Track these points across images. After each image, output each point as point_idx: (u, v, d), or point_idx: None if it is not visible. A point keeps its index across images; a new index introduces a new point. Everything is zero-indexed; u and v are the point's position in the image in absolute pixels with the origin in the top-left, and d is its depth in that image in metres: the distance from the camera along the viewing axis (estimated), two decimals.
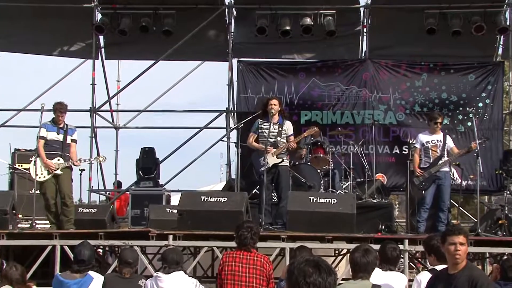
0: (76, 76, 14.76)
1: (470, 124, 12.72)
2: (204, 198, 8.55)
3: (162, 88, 15.17)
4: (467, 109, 12.99)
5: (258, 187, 9.77)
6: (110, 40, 13.75)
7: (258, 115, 9.48)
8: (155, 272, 6.24)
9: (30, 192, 10.28)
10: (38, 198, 9.22)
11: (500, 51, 13.65)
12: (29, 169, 9.55)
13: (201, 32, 12.94)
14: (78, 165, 9.32)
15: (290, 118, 9.88)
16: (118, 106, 14.92)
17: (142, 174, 11.96)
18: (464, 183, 10.72)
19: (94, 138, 13.11)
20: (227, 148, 13.09)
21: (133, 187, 12.09)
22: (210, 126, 13.44)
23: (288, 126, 9.25)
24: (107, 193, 14.12)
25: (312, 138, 10.78)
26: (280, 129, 9.13)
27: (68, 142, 9.17)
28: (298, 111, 13.26)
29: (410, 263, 9.64)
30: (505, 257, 7.71)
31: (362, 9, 13.37)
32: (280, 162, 9.05)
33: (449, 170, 9.36)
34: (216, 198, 8.52)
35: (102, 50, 13.93)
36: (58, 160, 9.03)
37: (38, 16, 13.25)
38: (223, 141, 12.95)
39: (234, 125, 12.50)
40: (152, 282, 5.83)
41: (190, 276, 6.05)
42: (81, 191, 11.73)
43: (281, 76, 13.47)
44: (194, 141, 13.07)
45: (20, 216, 10.82)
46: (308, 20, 12.71)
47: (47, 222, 9.40)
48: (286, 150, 9.15)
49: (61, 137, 9.11)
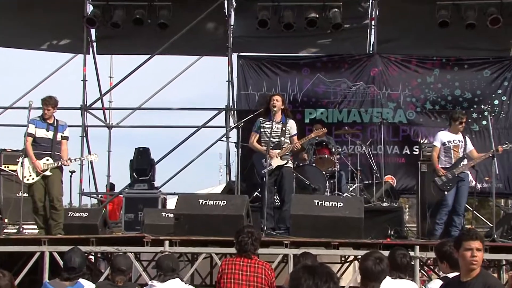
0: (66, 72, 14.82)
1: (485, 122, 12.68)
2: (202, 202, 8.56)
3: (157, 84, 15.25)
4: (482, 106, 12.97)
5: (259, 190, 9.79)
6: (102, 33, 13.75)
7: (260, 113, 9.48)
8: (150, 280, 6.25)
9: (17, 195, 10.29)
10: (26, 202, 9.21)
11: None
12: (16, 170, 9.52)
13: (199, 25, 12.94)
14: (68, 165, 9.28)
15: (294, 117, 9.88)
16: (111, 103, 14.97)
17: (136, 176, 11.96)
18: (478, 186, 10.73)
19: (85, 138, 13.13)
20: (227, 148, 13.13)
21: (126, 190, 12.10)
22: (208, 125, 13.48)
23: (291, 125, 9.26)
24: (99, 196, 14.14)
25: (317, 138, 10.78)
26: (283, 128, 9.14)
27: (58, 139, 9.05)
28: (302, 109, 13.24)
29: (421, 271, 9.63)
30: None
31: (370, 0, 13.38)
32: (283, 164, 9.06)
33: (468, 172, 9.39)
34: (215, 202, 8.53)
35: (94, 44, 13.93)
36: (47, 160, 8.93)
37: (24, 8, 13.26)
38: (223, 141, 12.97)
39: (234, 124, 12.52)
40: None
41: (187, 284, 6.06)
42: (71, 194, 11.83)
43: (284, 72, 13.46)
44: (191, 141, 13.13)
45: (6, 220, 10.84)
46: (312, 12, 12.72)
47: (35, 227, 9.38)
48: (290, 151, 9.17)
49: (51, 134, 9.01)
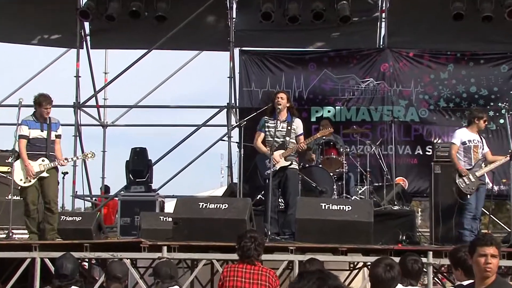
0: (58, 67, 14.89)
1: (502, 121, 12.67)
2: (202, 205, 8.56)
3: (155, 81, 15.21)
4: (499, 104, 12.87)
5: (263, 193, 9.78)
6: (97, 26, 13.74)
7: (265, 112, 9.47)
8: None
9: (7, 198, 10.28)
10: (16, 205, 9.20)
11: None
12: (10, 172, 9.43)
13: (198, 18, 12.93)
14: (65, 165, 9.26)
15: (299, 115, 9.87)
16: (106, 101, 14.95)
17: (132, 178, 11.97)
18: (495, 188, 10.69)
19: (78, 137, 13.13)
20: (228, 148, 13.14)
21: (122, 193, 12.10)
22: (209, 123, 13.47)
23: (297, 124, 9.26)
24: (93, 199, 14.14)
25: (323, 138, 10.77)
26: (288, 127, 9.13)
27: (52, 138, 9.01)
28: (308, 107, 13.26)
29: (435, 279, 9.61)
30: None
31: None
32: (288, 165, 9.06)
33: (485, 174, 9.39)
34: (215, 205, 8.53)
35: (87, 38, 13.91)
36: (43, 160, 8.87)
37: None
38: (224, 140, 12.97)
39: (236, 122, 12.52)
40: None
41: None
42: (64, 197, 11.79)
43: (288, 67, 13.47)
44: (191, 140, 13.11)
45: None
46: (319, 4, 12.71)
47: (26, 231, 9.37)
48: (295, 151, 9.16)
49: (45, 133, 8.96)
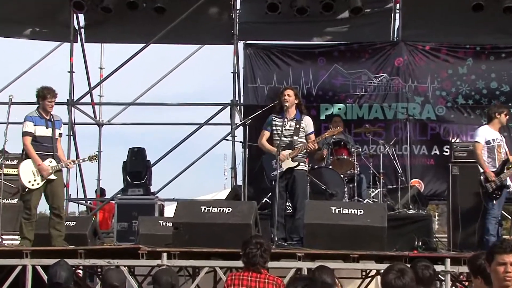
0: (50, 62, 14.84)
1: None
2: (204, 209, 8.55)
3: (153, 77, 15.28)
4: None
5: (269, 195, 9.78)
6: (92, 19, 13.76)
7: (273, 109, 9.45)
8: None
9: None
10: (5, 209, 9.19)
11: None
12: (17, 174, 9.24)
13: (200, 9, 12.94)
14: (71, 167, 9.20)
15: (308, 113, 9.86)
16: (101, 98, 14.99)
17: (130, 180, 11.96)
18: None
19: (72, 137, 13.15)
20: (232, 148, 13.13)
21: (119, 196, 12.11)
22: (211, 122, 13.48)
23: (307, 122, 9.24)
24: (88, 202, 14.15)
25: (334, 137, 10.76)
26: (297, 126, 9.12)
27: (56, 137, 8.90)
28: (317, 104, 13.27)
29: (453, 287, 9.59)
30: None
31: None
32: (296, 166, 9.04)
33: None
34: (219, 209, 8.52)
35: (82, 31, 13.94)
36: (50, 162, 8.75)
37: None
38: (227, 140, 12.96)
39: (241, 120, 12.51)
40: None
41: None
42: None
43: (296, 62, 13.47)
44: (192, 140, 13.13)
45: None
46: None
47: (17, 237, 9.36)
48: (304, 151, 9.14)
49: (50, 131, 8.82)
